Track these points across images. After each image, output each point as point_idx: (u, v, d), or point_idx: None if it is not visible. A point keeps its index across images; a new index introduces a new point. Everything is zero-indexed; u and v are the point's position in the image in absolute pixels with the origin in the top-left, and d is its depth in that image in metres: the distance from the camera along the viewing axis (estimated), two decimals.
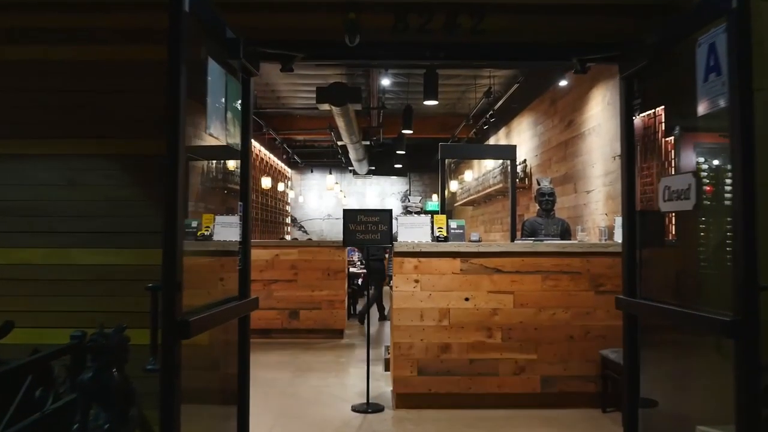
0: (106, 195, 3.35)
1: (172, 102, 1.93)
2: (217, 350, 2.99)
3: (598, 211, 6.27)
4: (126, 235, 3.31)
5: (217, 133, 2.28)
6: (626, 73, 2.85)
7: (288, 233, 16.59)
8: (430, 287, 4.72)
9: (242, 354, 2.83)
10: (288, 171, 16.90)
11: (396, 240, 4.80)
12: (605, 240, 4.96)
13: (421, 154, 16.41)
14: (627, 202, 2.70)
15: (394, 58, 3.07)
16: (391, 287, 4.91)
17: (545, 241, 4.88)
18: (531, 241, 4.83)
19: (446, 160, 6.93)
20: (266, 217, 13.66)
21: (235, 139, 2.55)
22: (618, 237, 4.85)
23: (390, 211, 4.85)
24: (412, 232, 4.82)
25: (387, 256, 8.15)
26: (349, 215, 4.79)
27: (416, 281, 4.72)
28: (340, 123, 8.82)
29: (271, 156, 13.99)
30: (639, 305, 2.68)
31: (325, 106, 7.79)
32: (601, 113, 6.22)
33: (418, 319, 4.72)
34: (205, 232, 3.80)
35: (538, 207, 6.32)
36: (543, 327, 4.71)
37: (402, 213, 15.13)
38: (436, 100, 6.61)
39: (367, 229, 4.81)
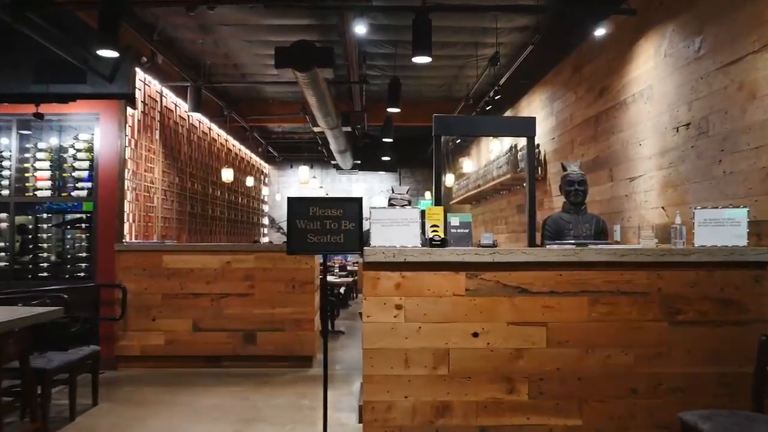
0: None
1: None
2: None
3: (648, 204, 4.66)
4: None
5: None
6: None
7: (264, 235, 14.92)
8: (420, 316, 3.09)
9: None
10: (265, 166, 15.24)
11: (368, 244, 3.16)
12: (680, 243, 3.34)
13: (412, 148, 14.84)
14: None
15: None
16: (360, 314, 3.28)
17: (592, 246, 3.26)
18: (572, 246, 3.20)
19: (443, 143, 5.30)
20: (236, 216, 11.99)
21: None
22: (703, 239, 3.23)
23: (359, 199, 3.21)
24: (393, 232, 3.18)
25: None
26: (297, 207, 3.14)
27: (398, 307, 3.09)
28: (311, 98, 7.17)
29: (242, 147, 12.33)
30: None
31: (289, 73, 6.16)
32: (653, 71, 4.61)
33: (402, 366, 3.08)
34: None
35: (564, 200, 4.74)
36: (591, 376, 3.10)
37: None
38: (429, 56, 5.00)
39: (324, 228, 3.17)
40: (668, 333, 3.13)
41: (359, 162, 15.29)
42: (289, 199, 3.18)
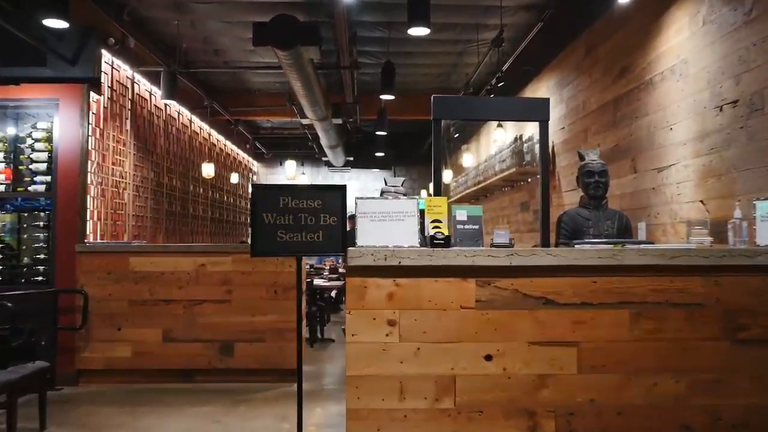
0: None
1: None
2: None
3: (682, 197, 4.04)
4: None
5: None
6: None
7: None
8: (419, 335, 2.46)
9: None
10: (253, 163, 14.58)
11: (353, 244, 2.52)
12: (741, 242, 2.71)
13: (407, 144, 14.21)
14: None
15: None
16: (344, 330, 2.65)
17: (633, 246, 2.62)
18: (609, 247, 2.57)
19: (442, 129, 4.64)
20: (221, 216, 11.33)
21: None
22: (767, 237, 2.61)
23: (343, 188, 2.56)
24: (385, 229, 2.54)
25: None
26: (263, 197, 2.49)
27: (391, 323, 2.45)
28: (296, 83, 6.52)
29: (227, 143, 11.67)
30: None
31: (274, 57, 5.51)
32: (688, 43, 3.98)
33: (395, 398, 2.44)
34: None
35: (582, 194, 4.13)
36: (634, 409, 2.48)
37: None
38: (428, 27, 4.37)
39: (298, 223, 2.52)
40: (729, 354, 2.50)
41: (352, 158, 14.68)
42: (253, 186, 2.53)
